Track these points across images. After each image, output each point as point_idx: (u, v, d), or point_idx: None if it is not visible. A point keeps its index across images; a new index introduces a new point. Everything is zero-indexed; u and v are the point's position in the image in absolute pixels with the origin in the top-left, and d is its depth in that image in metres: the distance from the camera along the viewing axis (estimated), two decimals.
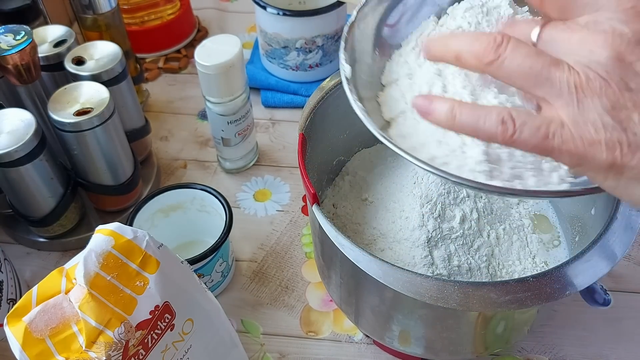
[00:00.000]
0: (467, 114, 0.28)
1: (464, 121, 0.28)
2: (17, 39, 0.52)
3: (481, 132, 0.27)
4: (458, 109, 0.28)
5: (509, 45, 0.26)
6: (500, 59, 0.26)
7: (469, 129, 0.28)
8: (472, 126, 0.27)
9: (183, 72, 0.81)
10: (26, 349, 0.33)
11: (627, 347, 0.51)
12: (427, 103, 0.29)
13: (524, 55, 0.26)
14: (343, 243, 0.38)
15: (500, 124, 0.26)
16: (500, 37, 0.26)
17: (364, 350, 0.52)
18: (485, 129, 0.27)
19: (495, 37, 0.27)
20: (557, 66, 0.26)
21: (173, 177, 0.68)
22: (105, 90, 0.54)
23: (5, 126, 0.50)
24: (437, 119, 0.29)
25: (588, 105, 0.25)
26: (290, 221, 0.62)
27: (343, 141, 0.53)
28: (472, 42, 0.27)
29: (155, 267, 0.36)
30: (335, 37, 0.72)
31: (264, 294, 0.56)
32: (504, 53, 0.26)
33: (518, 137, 0.26)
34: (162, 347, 0.37)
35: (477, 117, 0.27)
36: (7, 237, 0.62)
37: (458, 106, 0.28)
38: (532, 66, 0.26)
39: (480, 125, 0.27)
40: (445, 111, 0.28)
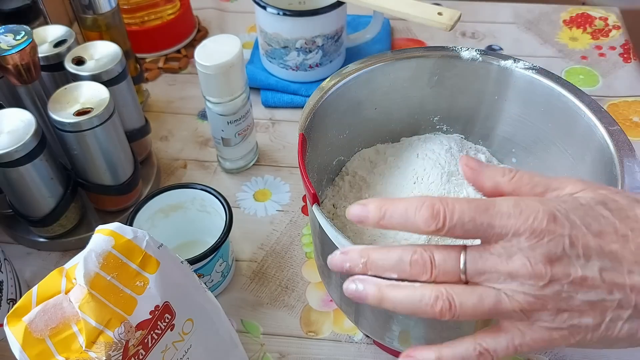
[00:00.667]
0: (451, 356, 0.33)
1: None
2: (17, 39, 0.52)
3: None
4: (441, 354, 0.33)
5: (455, 303, 0.31)
6: (456, 315, 0.31)
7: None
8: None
9: (183, 72, 0.81)
10: (26, 349, 0.33)
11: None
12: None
13: (472, 306, 0.31)
14: (343, 243, 0.38)
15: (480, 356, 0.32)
16: (446, 299, 0.31)
17: (364, 350, 0.52)
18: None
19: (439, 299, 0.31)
20: (500, 302, 0.31)
21: (173, 177, 0.68)
22: (105, 90, 0.55)
23: (5, 126, 0.50)
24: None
25: (536, 317, 0.31)
26: (290, 221, 0.62)
27: (343, 141, 0.53)
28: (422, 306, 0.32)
29: (155, 267, 0.36)
30: (335, 37, 0.72)
31: (264, 294, 0.56)
32: (456, 312, 0.31)
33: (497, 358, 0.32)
34: (162, 347, 0.37)
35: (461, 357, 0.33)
36: (7, 237, 0.62)
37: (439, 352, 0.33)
38: (482, 311, 0.31)
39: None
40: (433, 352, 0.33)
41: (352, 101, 0.51)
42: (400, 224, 0.32)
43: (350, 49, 0.78)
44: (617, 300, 0.30)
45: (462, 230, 0.31)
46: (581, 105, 0.46)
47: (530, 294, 0.30)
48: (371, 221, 0.33)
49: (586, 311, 0.30)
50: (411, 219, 0.31)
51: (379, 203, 0.33)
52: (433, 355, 0.33)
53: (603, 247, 0.30)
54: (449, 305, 0.31)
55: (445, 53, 0.51)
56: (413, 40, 0.84)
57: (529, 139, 0.52)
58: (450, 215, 0.30)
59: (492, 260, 0.31)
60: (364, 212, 0.33)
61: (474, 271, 0.31)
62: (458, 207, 0.31)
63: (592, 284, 0.30)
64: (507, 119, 0.53)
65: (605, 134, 0.44)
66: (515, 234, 0.30)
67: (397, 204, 0.32)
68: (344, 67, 0.51)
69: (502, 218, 0.30)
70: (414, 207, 0.31)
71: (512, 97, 0.51)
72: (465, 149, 0.54)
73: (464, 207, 0.31)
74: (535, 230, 0.30)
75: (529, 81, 0.49)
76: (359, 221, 0.33)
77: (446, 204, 0.31)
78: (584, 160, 0.47)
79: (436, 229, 0.31)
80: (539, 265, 0.30)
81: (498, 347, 0.32)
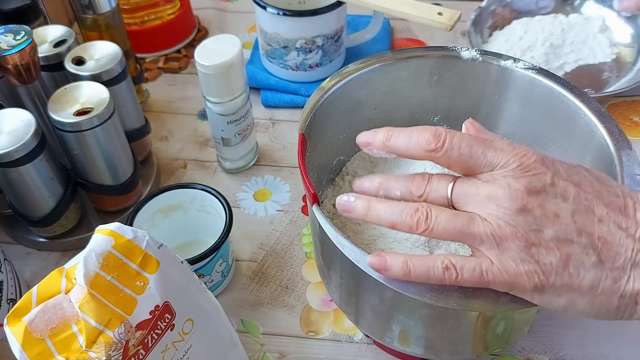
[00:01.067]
0: (418, 266, 0.34)
1: (418, 272, 0.34)
2: (17, 39, 0.52)
3: (432, 278, 0.34)
4: (410, 263, 0.34)
5: (432, 215, 0.33)
6: (429, 228, 0.33)
7: (423, 278, 0.34)
8: (424, 275, 0.34)
9: (183, 72, 0.81)
10: (26, 349, 0.33)
11: (628, 347, 0.51)
12: (382, 262, 0.35)
13: (445, 220, 0.33)
14: (343, 243, 0.38)
15: (446, 271, 0.33)
16: (424, 210, 0.34)
17: (364, 350, 0.52)
18: (435, 276, 0.34)
19: (419, 210, 0.34)
20: (473, 221, 0.33)
21: (173, 177, 0.68)
22: (105, 90, 0.55)
23: (5, 126, 0.50)
24: (394, 274, 0.35)
25: (506, 246, 0.32)
26: (290, 221, 0.62)
27: (343, 141, 0.53)
28: (403, 216, 0.34)
29: (155, 267, 0.36)
30: (335, 37, 0.72)
31: (264, 293, 0.56)
32: (431, 223, 0.33)
33: (461, 278, 0.33)
34: (162, 347, 0.37)
35: (427, 268, 0.34)
36: (7, 237, 0.62)
37: (410, 260, 0.34)
38: (454, 227, 0.33)
39: (430, 274, 0.34)
40: (400, 266, 0.34)
41: (352, 101, 0.51)
42: (403, 144, 0.35)
43: (350, 49, 0.78)
44: (583, 244, 0.32)
45: (458, 153, 0.33)
46: (581, 105, 0.46)
47: (502, 218, 0.32)
48: (378, 142, 0.36)
49: (553, 249, 0.32)
50: (414, 139, 0.34)
51: (387, 129, 0.36)
52: (402, 259, 0.34)
53: (579, 195, 0.32)
54: (426, 216, 0.33)
55: (445, 53, 0.51)
56: (413, 40, 0.84)
57: (529, 139, 0.52)
58: (450, 138, 0.33)
59: (477, 185, 0.33)
60: (372, 136, 0.36)
61: (460, 192, 0.34)
62: (458, 134, 0.34)
63: (562, 221, 0.32)
64: (507, 119, 0.53)
65: (605, 134, 0.44)
66: (505, 165, 0.33)
67: (403, 129, 0.35)
68: (344, 67, 0.51)
69: (495, 150, 0.33)
70: (418, 130, 0.34)
71: (512, 97, 0.51)
72: None
73: (464, 135, 0.34)
74: (522, 164, 0.33)
75: (529, 81, 0.49)
76: (366, 144, 0.36)
77: (448, 130, 0.34)
78: (584, 160, 0.47)
79: (435, 148, 0.33)
80: (518, 192, 0.32)
81: (465, 267, 0.33)
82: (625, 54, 0.74)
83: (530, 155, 0.33)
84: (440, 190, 0.34)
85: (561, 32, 0.73)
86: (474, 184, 0.33)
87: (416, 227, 0.34)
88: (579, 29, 0.73)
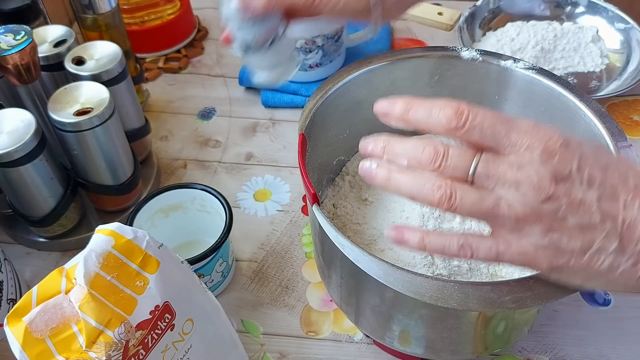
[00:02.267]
0: (434, 242, 0.34)
1: (433, 248, 0.34)
2: (17, 39, 0.52)
3: (447, 254, 0.34)
4: (427, 238, 0.34)
5: (456, 195, 0.32)
6: (454, 206, 0.32)
7: (438, 252, 0.34)
8: (440, 251, 0.34)
9: (183, 72, 0.81)
10: (26, 349, 0.33)
11: (628, 347, 0.51)
12: (400, 235, 0.35)
13: (471, 203, 0.32)
14: (343, 243, 0.38)
15: (461, 249, 0.33)
16: (448, 190, 0.32)
17: (364, 350, 0.52)
18: (450, 252, 0.34)
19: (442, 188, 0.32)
20: (498, 206, 0.32)
21: (173, 177, 0.68)
22: (105, 90, 0.54)
23: (5, 126, 0.50)
24: (411, 246, 0.35)
25: (527, 231, 0.32)
26: (290, 221, 0.62)
27: (343, 141, 0.53)
28: (425, 190, 0.33)
29: (156, 267, 0.36)
30: (335, 37, 0.72)
31: (264, 294, 0.56)
32: (455, 203, 0.32)
33: (477, 257, 0.33)
34: (162, 347, 0.37)
35: (442, 244, 0.34)
36: (7, 237, 0.62)
37: (426, 236, 0.34)
38: (479, 210, 0.32)
39: (446, 250, 0.34)
40: (416, 241, 0.34)
41: (352, 101, 0.51)
42: (423, 118, 0.33)
43: (350, 49, 0.78)
44: (607, 230, 0.31)
45: (480, 133, 0.32)
46: (581, 105, 0.46)
47: (528, 205, 0.31)
48: (396, 113, 0.34)
49: (576, 235, 0.31)
50: (435, 114, 0.33)
51: (406, 99, 0.34)
52: (419, 235, 0.34)
53: (605, 180, 0.31)
54: (450, 195, 0.32)
55: (445, 53, 0.51)
56: (413, 40, 0.84)
57: None
58: (473, 116, 0.32)
59: (503, 167, 0.32)
60: (390, 105, 0.35)
61: (483, 173, 0.32)
62: (481, 111, 0.32)
63: (588, 209, 0.31)
64: None
65: (605, 134, 0.44)
66: (529, 147, 0.31)
67: (423, 102, 0.34)
68: (344, 67, 0.51)
69: (520, 131, 0.32)
70: (440, 106, 0.33)
71: (512, 97, 0.51)
72: None
73: (487, 114, 0.32)
74: (548, 148, 0.31)
75: (529, 81, 0.49)
76: (384, 114, 0.35)
77: (470, 107, 0.32)
78: None
79: (456, 127, 0.32)
80: (545, 180, 0.31)
81: (481, 246, 0.33)
82: (615, 59, 0.74)
83: (556, 139, 0.32)
84: (460, 169, 0.33)
85: (554, 38, 0.73)
86: (498, 167, 0.32)
87: (437, 204, 0.32)
88: (571, 37, 0.74)
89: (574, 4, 0.79)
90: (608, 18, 0.76)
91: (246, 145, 0.71)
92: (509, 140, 0.32)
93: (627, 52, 0.74)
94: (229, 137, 0.72)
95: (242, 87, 0.77)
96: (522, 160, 0.31)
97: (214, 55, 0.83)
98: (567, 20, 0.79)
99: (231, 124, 0.73)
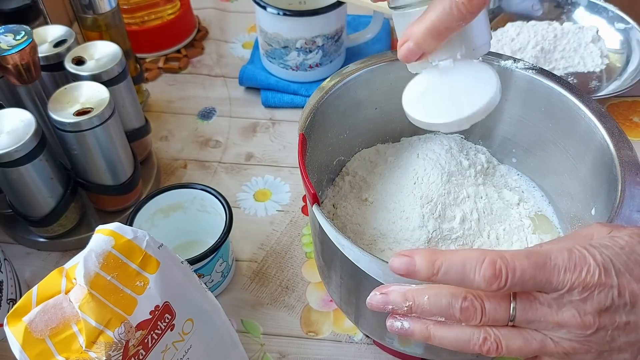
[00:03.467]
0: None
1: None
2: (17, 39, 0.52)
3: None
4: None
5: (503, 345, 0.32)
6: (501, 353, 0.32)
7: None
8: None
9: (183, 72, 0.81)
10: (26, 349, 0.33)
11: None
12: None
13: (518, 348, 0.32)
14: (343, 243, 0.38)
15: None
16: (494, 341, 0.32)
17: (364, 350, 0.52)
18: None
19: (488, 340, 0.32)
20: (545, 346, 0.32)
21: (173, 177, 0.68)
22: (105, 90, 0.54)
23: (5, 126, 0.50)
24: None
25: (581, 357, 0.32)
26: (290, 221, 0.62)
27: (343, 141, 0.53)
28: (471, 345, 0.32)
29: (156, 267, 0.36)
30: (335, 37, 0.72)
31: (264, 294, 0.56)
32: (502, 351, 0.32)
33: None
34: (162, 347, 0.37)
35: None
36: (7, 237, 0.62)
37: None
38: (527, 352, 0.32)
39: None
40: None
41: (352, 101, 0.51)
42: (457, 280, 0.32)
43: (350, 49, 0.78)
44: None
45: (522, 287, 0.31)
46: (581, 105, 0.46)
47: (576, 340, 0.31)
48: (423, 275, 0.32)
49: (625, 349, 0.31)
50: (470, 276, 0.31)
51: (430, 256, 0.32)
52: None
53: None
54: (496, 346, 0.32)
55: None
56: None
57: (529, 139, 0.52)
58: (512, 275, 0.31)
59: (542, 311, 0.31)
60: (411, 267, 0.32)
61: (523, 320, 0.32)
62: (518, 264, 0.31)
63: (635, 327, 0.31)
64: (508, 119, 0.53)
65: (606, 134, 0.44)
66: (570, 289, 0.31)
67: (452, 258, 0.32)
68: (344, 67, 0.51)
69: (559, 274, 0.31)
70: (473, 264, 0.31)
71: (512, 97, 0.51)
72: (466, 149, 0.54)
73: (524, 265, 0.31)
74: (588, 284, 0.31)
75: (529, 81, 0.49)
76: (406, 275, 0.33)
77: (506, 261, 0.31)
78: (584, 160, 0.47)
79: (498, 289, 0.31)
80: (588, 316, 0.31)
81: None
82: (615, 59, 0.74)
83: (592, 271, 0.31)
84: (499, 317, 0.32)
85: (554, 38, 0.73)
86: (536, 311, 0.32)
87: (486, 354, 0.32)
88: (571, 37, 0.74)
89: (574, 4, 0.79)
90: (608, 18, 0.76)
91: (246, 145, 0.71)
92: (550, 285, 0.31)
93: (627, 52, 0.74)
94: (229, 137, 0.72)
95: (242, 87, 0.77)
96: (561, 301, 0.31)
97: (214, 55, 0.83)
98: (567, 20, 0.79)
99: (231, 124, 0.73)
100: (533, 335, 0.32)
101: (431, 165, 0.50)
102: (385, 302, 0.34)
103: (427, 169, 0.50)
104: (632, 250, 0.32)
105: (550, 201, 0.52)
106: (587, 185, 0.46)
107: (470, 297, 0.32)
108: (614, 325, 0.31)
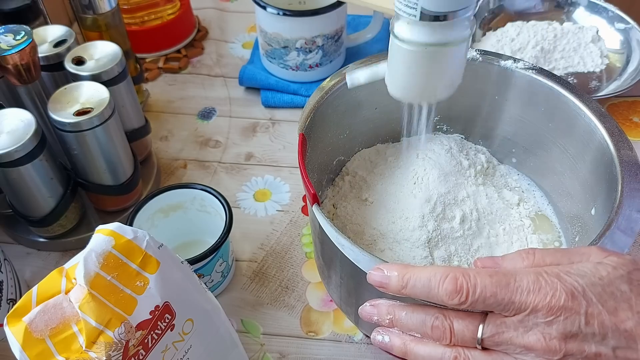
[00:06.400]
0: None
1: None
2: (17, 39, 0.52)
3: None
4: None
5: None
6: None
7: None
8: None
9: (183, 72, 0.81)
10: (26, 349, 0.33)
11: None
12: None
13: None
14: (343, 243, 0.38)
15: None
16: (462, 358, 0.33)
17: (364, 350, 0.52)
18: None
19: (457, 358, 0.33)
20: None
21: (173, 177, 0.68)
22: (105, 90, 0.54)
23: (5, 126, 0.50)
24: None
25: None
26: (290, 221, 0.62)
27: (343, 141, 0.53)
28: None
29: (156, 267, 0.36)
30: (335, 37, 0.72)
31: (264, 294, 0.56)
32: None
33: None
34: (162, 347, 0.37)
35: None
36: (7, 237, 0.62)
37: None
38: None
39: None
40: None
41: (352, 101, 0.51)
42: (423, 294, 0.33)
43: (350, 49, 0.78)
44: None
45: (484, 305, 0.32)
46: (581, 105, 0.46)
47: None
48: (393, 289, 0.34)
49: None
50: (434, 290, 0.33)
51: (401, 270, 0.34)
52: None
53: (618, 325, 0.30)
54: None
55: None
56: None
57: (529, 139, 0.52)
58: (472, 290, 0.32)
59: (509, 333, 0.32)
60: (385, 279, 0.35)
61: (491, 342, 0.32)
62: (480, 281, 0.32)
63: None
64: (508, 119, 0.53)
65: (606, 134, 0.44)
66: (534, 310, 0.31)
67: (420, 273, 0.33)
68: (344, 67, 0.51)
69: (522, 294, 0.31)
70: (437, 279, 0.32)
71: (512, 97, 0.51)
72: (466, 149, 0.54)
73: (486, 282, 0.32)
74: (552, 307, 0.31)
75: (529, 81, 0.49)
76: (380, 286, 0.35)
77: (469, 277, 0.32)
78: (584, 160, 0.47)
79: (459, 303, 0.32)
80: (554, 341, 0.31)
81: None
82: (615, 59, 0.74)
83: (558, 295, 0.31)
84: (467, 338, 0.33)
85: (554, 38, 0.73)
86: (503, 334, 0.32)
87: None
88: (571, 37, 0.74)
89: (574, 4, 0.79)
90: (608, 18, 0.77)
91: (246, 145, 0.71)
92: (513, 305, 0.31)
93: (627, 52, 0.74)
94: (229, 137, 0.72)
95: (242, 87, 0.77)
96: (527, 323, 0.31)
97: (214, 55, 0.83)
98: (567, 20, 0.79)
99: (231, 124, 0.73)
100: (503, 358, 0.32)
101: (431, 165, 0.50)
102: (372, 314, 0.37)
103: (427, 169, 0.50)
104: (611, 282, 0.31)
105: (550, 201, 0.53)
106: (587, 185, 0.46)
107: (441, 316, 0.34)
108: (583, 354, 0.31)
